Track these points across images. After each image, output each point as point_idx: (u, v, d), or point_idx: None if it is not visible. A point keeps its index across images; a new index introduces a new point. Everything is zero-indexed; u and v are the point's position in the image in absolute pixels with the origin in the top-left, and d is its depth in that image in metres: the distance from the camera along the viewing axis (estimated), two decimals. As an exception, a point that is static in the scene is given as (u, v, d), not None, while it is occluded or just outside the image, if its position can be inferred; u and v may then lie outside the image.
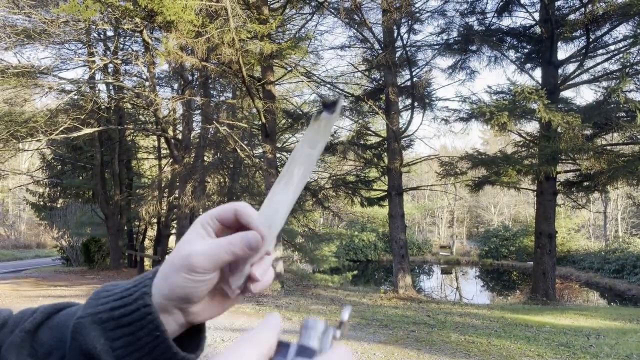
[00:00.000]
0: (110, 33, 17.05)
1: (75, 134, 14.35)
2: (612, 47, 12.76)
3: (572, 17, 12.92)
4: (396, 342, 6.55)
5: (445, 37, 14.37)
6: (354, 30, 14.23)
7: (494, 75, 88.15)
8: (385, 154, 14.19)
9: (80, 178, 22.33)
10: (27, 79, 13.54)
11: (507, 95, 12.60)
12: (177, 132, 19.14)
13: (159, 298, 0.50)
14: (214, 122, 13.22)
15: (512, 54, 14.48)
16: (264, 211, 0.52)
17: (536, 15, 13.56)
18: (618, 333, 7.60)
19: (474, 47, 13.90)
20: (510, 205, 42.06)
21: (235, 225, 0.52)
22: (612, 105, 11.00)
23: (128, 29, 13.46)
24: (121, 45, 17.59)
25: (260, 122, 12.90)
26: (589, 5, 11.71)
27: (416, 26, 13.96)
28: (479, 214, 45.17)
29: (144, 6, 8.75)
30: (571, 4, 13.13)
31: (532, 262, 16.15)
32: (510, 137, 15.34)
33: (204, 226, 0.52)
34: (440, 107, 14.71)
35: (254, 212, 0.52)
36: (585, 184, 13.22)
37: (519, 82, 12.52)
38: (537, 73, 13.90)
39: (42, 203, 23.90)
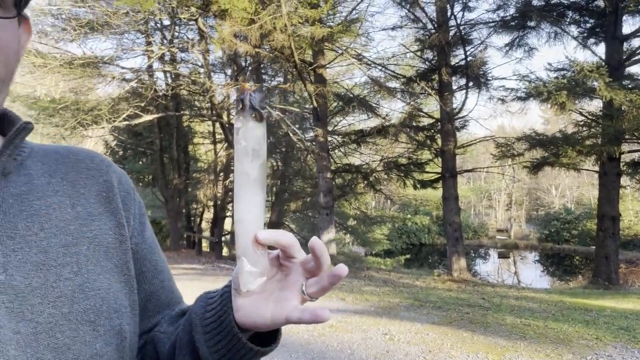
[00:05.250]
0: (166, 22, 17.58)
1: (136, 121, 14.97)
2: (684, 18, 11.93)
3: (639, -12, 12.15)
4: (450, 324, 6.57)
5: (502, 14, 13.84)
6: (406, 11, 13.99)
7: (554, 51, 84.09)
8: (439, 135, 13.96)
9: (141, 163, 23.18)
10: (92, 69, 14.25)
11: (567, 73, 12.06)
12: (231, 117, 19.58)
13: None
14: (267, 106, 13.43)
15: (573, 29, 13.77)
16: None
17: (600, -13, 12.84)
18: (686, 319, 7.26)
19: (532, 24, 13.33)
20: (573, 187, 40.24)
21: None
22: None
23: (184, 18, 13.86)
24: (177, 34, 18.10)
25: (311, 106, 13.01)
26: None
27: (471, 4, 13.57)
28: (539, 197, 43.53)
29: (199, -5, 9.03)
30: (638, -26, 12.34)
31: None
32: (572, 117, 14.68)
33: None
34: (497, 86, 14.11)
35: None
36: (652, 164, 12.54)
37: (580, 58, 11.99)
38: (601, 49, 13.18)
39: (105, 188, 25.09)
